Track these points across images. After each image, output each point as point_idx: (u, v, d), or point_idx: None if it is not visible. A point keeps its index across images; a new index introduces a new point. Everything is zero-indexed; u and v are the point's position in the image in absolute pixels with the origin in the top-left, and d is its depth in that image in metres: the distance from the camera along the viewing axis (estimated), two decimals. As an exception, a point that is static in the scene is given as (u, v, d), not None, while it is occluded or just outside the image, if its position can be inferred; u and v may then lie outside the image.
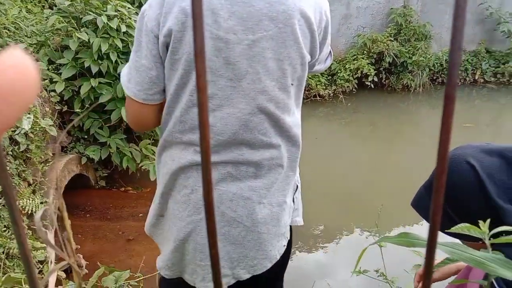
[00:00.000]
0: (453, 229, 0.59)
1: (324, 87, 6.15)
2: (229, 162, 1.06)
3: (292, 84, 1.05)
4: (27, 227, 2.24)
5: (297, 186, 1.24)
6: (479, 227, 0.57)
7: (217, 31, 0.94)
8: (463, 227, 0.57)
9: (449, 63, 0.17)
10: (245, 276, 1.12)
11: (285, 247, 1.18)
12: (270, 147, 1.08)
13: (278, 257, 1.15)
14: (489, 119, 6.09)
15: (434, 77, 6.76)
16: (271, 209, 1.11)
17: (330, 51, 1.21)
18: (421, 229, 3.48)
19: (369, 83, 6.20)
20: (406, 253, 1.97)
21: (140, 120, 1.12)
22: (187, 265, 1.14)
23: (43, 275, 1.87)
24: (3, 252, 1.83)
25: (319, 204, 3.81)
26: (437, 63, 6.65)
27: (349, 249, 3.35)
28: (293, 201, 1.22)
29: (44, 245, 2.04)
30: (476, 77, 6.79)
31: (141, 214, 3.04)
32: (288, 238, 1.21)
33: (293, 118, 1.11)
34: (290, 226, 1.24)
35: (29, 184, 2.50)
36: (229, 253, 1.10)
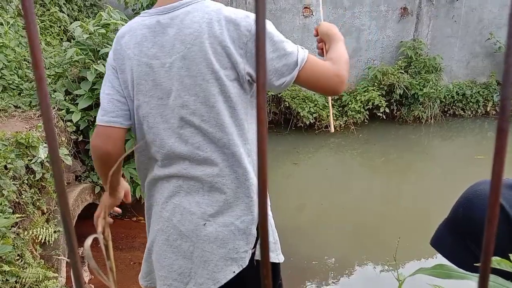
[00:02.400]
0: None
1: (335, 118, 6.17)
2: (180, 176, 1.15)
3: (221, 100, 1.10)
4: (39, 256, 2.24)
5: None
6: (509, 260, 0.56)
7: (143, 59, 1.12)
8: (493, 261, 0.57)
9: (501, 96, 0.18)
10: None
11: (235, 273, 1.15)
12: (209, 163, 1.14)
13: (223, 282, 1.15)
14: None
15: (446, 109, 6.75)
16: (216, 228, 1.14)
17: (297, 62, 1.13)
18: (435, 261, 3.41)
19: (380, 114, 6.22)
20: (425, 287, 1.93)
21: (102, 144, 1.19)
22: (155, 275, 1.25)
23: (57, 305, 1.86)
24: (15, 282, 1.82)
25: (330, 235, 3.76)
26: (448, 95, 6.66)
27: (361, 282, 3.28)
28: (257, 231, 1.18)
29: (57, 274, 2.03)
30: (488, 109, 6.78)
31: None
32: (243, 267, 1.16)
33: (231, 137, 1.13)
34: (273, 264, 1.21)
35: (43, 213, 2.52)
36: (181, 267, 1.17)
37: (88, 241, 0.35)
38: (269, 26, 1.12)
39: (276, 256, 1.24)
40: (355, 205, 4.30)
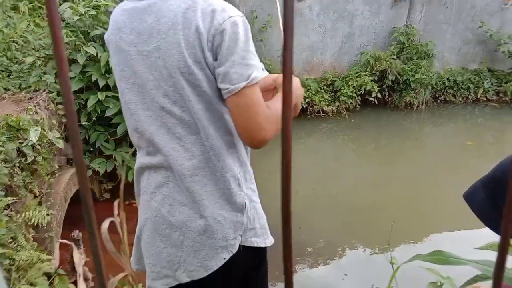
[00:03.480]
0: None
1: (328, 103, 6.18)
2: (167, 166, 1.15)
3: (194, 93, 1.08)
4: (32, 239, 2.23)
5: (245, 204, 1.19)
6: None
7: (123, 46, 1.12)
8: None
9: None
10: (185, 279, 1.19)
11: (226, 260, 1.17)
12: (190, 155, 1.14)
13: (215, 268, 1.17)
14: (492, 137, 6.11)
15: (437, 95, 6.79)
16: (204, 221, 1.15)
17: (248, 76, 1.06)
18: (428, 245, 3.46)
19: (372, 99, 6.23)
20: (418, 270, 1.96)
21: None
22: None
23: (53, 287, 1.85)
24: (9, 264, 1.82)
25: (322, 220, 3.79)
26: (439, 81, 6.69)
27: (353, 265, 3.32)
28: (249, 219, 1.21)
29: (50, 257, 2.03)
30: (479, 96, 6.83)
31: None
32: (233, 252, 1.18)
33: (207, 131, 1.12)
34: (259, 248, 1.23)
35: (35, 196, 2.50)
36: (170, 255, 1.19)
37: (106, 224, 0.35)
38: (242, 29, 1.06)
39: (263, 240, 1.25)
40: (347, 190, 4.33)
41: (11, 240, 1.97)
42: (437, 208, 3.92)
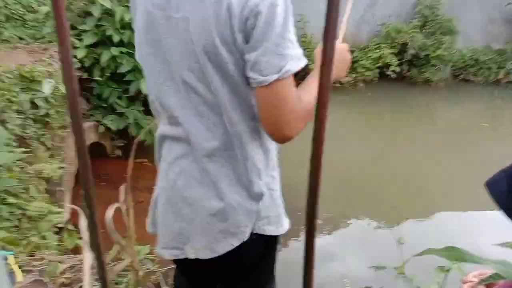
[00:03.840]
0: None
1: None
2: (188, 140, 1.08)
3: (219, 76, 0.99)
4: (44, 191, 2.24)
5: (262, 193, 1.12)
6: None
7: (149, 7, 1.02)
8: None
9: None
10: (192, 256, 1.15)
11: (233, 246, 1.12)
12: (212, 135, 1.06)
13: (221, 252, 1.13)
14: (509, 120, 5.98)
15: (457, 73, 6.63)
16: (218, 202, 1.09)
17: (281, 68, 0.95)
18: (435, 224, 3.45)
19: (390, 73, 6.10)
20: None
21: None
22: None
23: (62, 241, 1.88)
24: (21, 214, 1.83)
25: (330, 190, 3.78)
26: (460, 59, 6.52)
27: (358, 238, 3.33)
28: (265, 208, 1.14)
29: (61, 209, 2.04)
30: (500, 76, 6.65)
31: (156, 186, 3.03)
32: (243, 240, 1.12)
33: (231, 115, 1.03)
34: (271, 236, 1.18)
35: (48, 149, 2.50)
36: (180, 229, 1.15)
37: (110, 212, 0.31)
38: (282, 10, 0.92)
39: (276, 229, 1.18)
40: (357, 163, 4.30)
41: (23, 191, 1.98)
42: (445, 186, 3.89)
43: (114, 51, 3.29)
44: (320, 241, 3.21)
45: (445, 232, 3.24)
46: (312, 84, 1.07)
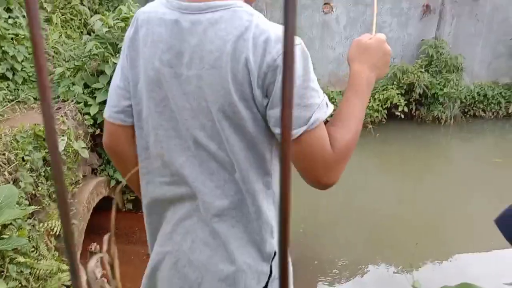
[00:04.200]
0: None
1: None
2: (192, 198, 1.02)
3: (237, 134, 0.94)
4: (54, 248, 2.28)
5: (274, 253, 1.05)
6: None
7: (156, 63, 0.97)
8: None
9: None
10: None
11: None
12: (221, 193, 0.99)
13: None
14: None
15: (466, 110, 6.62)
16: (227, 267, 1.02)
17: (308, 120, 0.90)
18: (453, 267, 3.36)
19: (399, 114, 6.13)
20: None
21: (108, 142, 1.11)
22: None
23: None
24: (29, 273, 1.85)
25: (344, 236, 3.74)
26: (468, 95, 6.53)
27: (374, 284, 3.25)
28: (271, 269, 1.06)
29: (70, 267, 2.06)
30: (510, 111, 6.62)
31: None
32: None
33: (245, 173, 0.97)
34: None
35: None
36: None
37: (92, 261, 0.34)
38: (300, 60, 0.88)
39: None
40: (371, 206, 4.26)
41: (33, 249, 2.01)
42: (463, 227, 3.80)
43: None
44: (336, 288, 3.14)
45: (465, 275, 3.15)
46: (348, 106, 1.00)
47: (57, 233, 2.22)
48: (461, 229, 3.79)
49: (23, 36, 3.55)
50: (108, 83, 3.50)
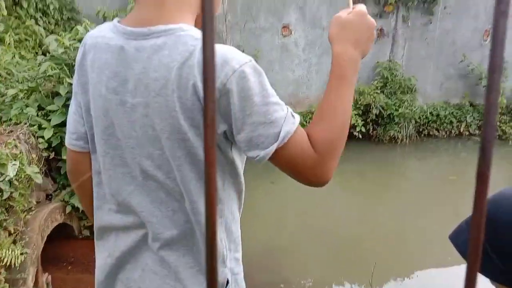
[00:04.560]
0: None
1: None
2: (139, 228, 1.01)
3: (187, 162, 0.91)
4: (3, 280, 2.14)
5: (227, 281, 1.01)
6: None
7: (102, 90, 0.94)
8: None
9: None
10: None
11: None
12: (171, 222, 0.97)
13: None
14: (474, 172, 6.15)
15: (420, 129, 6.88)
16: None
17: (278, 135, 0.87)
18: (414, 283, 3.42)
19: (356, 134, 6.28)
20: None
21: (70, 168, 1.11)
22: None
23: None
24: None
25: (307, 256, 3.74)
26: (422, 115, 6.80)
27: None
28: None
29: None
30: (461, 130, 6.93)
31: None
32: None
33: (195, 205, 0.94)
34: None
35: (10, 234, 2.42)
36: None
37: None
38: (254, 77, 0.86)
39: None
40: (331, 225, 4.30)
41: None
42: (422, 243, 3.90)
43: (82, 129, 3.31)
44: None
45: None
46: (330, 100, 0.93)
47: (7, 264, 2.10)
48: (419, 246, 3.89)
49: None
50: (63, 105, 3.39)
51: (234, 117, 0.85)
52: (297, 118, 0.92)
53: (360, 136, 6.33)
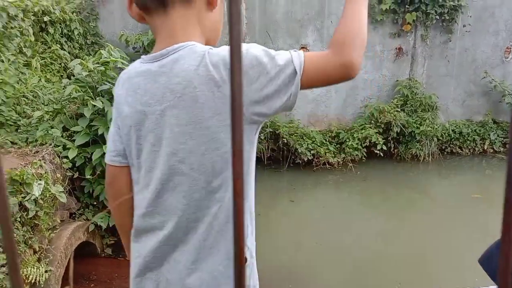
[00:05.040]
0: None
1: (333, 155, 6.17)
2: (163, 227, 1.14)
3: (212, 148, 1.06)
4: (29, 298, 2.17)
5: (245, 260, 1.16)
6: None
7: (138, 106, 1.14)
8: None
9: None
10: None
11: None
12: (197, 209, 1.11)
13: None
14: (500, 189, 6.00)
15: (443, 147, 6.78)
16: (200, 275, 1.12)
17: (295, 70, 1.02)
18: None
19: (378, 152, 6.23)
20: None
21: (109, 181, 1.27)
22: None
23: None
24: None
25: (327, 276, 3.67)
26: (444, 133, 6.70)
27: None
28: (247, 277, 1.17)
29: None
30: (485, 147, 6.80)
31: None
32: None
33: (221, 189, 1.10)
34: None
35: (35, 252, 2.46)
36: None
37: None
38: (254, 50, 1.03)
39: None
40: (353, 245, 4.23)
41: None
42: (447, 264, 3.79)
43: (106, 148, 3.37)
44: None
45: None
46: (349, 11, 1.06)
47: (32, 281, 2.13)
48: (444, 266, 3.78)
49: (1, 80, 3.53)
50: (88, 126, 3.47)
51: (255, 87, 1.02)
52: (301, 53, 1.05)
53: (382, 154, 6.27)
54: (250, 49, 1.03)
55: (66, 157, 3.22)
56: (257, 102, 1.04)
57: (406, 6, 6.38)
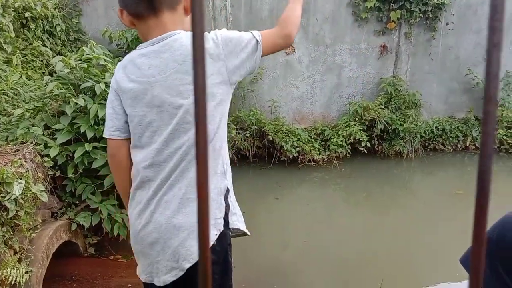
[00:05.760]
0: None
1: (318, 152, 6.20)
2: (157, 177, 1.44)
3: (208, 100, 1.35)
4: (9, 299, 2.13)
5: (227, 189, 1.47)
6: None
7: (143, 79, 1.39)
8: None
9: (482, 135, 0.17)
10: (188, 265, 1.40)
11: (217, 236, 1.41)
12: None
13: (211, 244, 1.38)
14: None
15: (426, 144, 6.85)
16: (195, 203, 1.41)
17: (257, 41, 1.45)
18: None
19: (362, 149, 6.27)
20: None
21: (111, 152, 1.53)
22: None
23: None
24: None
25: (312, 273, 3.69)
26: (428, 130, 6.78)
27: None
28: (231, 204, 1.49)
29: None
30: (467, 144, 6.90)
31: (130, 285, 2.91)
32: (221, 230, 1.42)
33: (216, 131, 1.42)
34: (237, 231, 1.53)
35: (15, 252, 2.42)
36: (172, 249, 1.39)
37: None
38: (223, 31, 1.43)
39: (245, 228, 1.53)
40: (338, 241, 4.25)
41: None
42: (429, 259, 3.84)
43: (88, 146, 3.33)
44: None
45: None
46: (290, 4, 1.53)
47: (12, 282, 2.09)
48: (427, 262, 3.83)
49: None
50: (70, 124, 3.42)
51: (230, 57, 1.43)
52: (258, 32, 1.48)
53: (366, 151, 6.32)
54: (221, 32, 1.41)
55: (48, 155, 3.17)
56: (236, 67, 1.40)
57: (391, 4, 6.42)
